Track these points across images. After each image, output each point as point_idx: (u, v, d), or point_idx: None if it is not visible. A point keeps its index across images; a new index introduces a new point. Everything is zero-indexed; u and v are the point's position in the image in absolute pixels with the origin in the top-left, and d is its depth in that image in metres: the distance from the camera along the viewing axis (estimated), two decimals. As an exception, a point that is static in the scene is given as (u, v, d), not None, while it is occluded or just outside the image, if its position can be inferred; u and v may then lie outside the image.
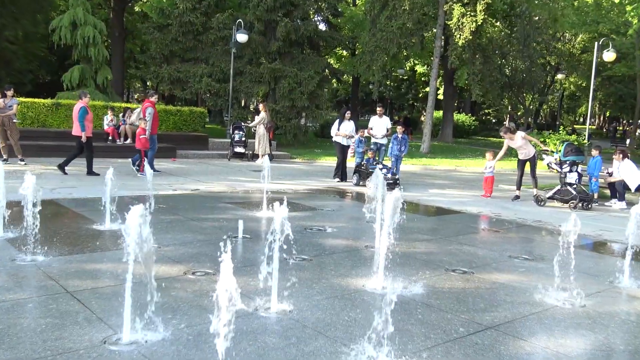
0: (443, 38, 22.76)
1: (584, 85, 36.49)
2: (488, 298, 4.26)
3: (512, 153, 11.98)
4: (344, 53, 36.40)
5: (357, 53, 31.51)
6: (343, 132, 11.63)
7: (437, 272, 4.95)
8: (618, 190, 9.93)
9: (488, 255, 5.73)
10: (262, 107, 15.29)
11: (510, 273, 5.07)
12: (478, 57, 22.66)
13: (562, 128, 21.89)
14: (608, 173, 10.29)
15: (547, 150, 10.83)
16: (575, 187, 9.32)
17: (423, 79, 40.06)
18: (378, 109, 12.35)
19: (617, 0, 22.99)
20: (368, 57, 23.22)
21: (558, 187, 9.50)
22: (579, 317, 3.97)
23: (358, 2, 32.55)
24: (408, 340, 3.32)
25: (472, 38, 21.18)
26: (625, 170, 9.87)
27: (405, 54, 28.18)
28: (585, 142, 17.64)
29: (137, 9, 29.02)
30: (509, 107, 45.91)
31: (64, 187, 8.69)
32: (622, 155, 10.03)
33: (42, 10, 23.49)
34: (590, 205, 9.36)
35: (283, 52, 20.23)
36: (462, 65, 24.32)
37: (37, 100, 15.55)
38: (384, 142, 12.01)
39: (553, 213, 8.84)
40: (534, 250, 6.20)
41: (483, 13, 20.93)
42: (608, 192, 10.32)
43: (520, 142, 9.90)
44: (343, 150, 11.67)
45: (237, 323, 2.51)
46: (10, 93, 11.21)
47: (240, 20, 18.05)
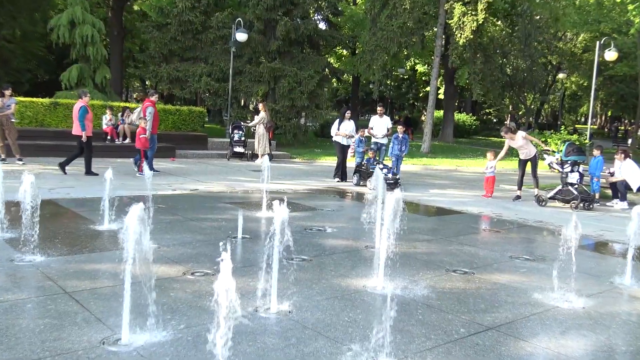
0: (444, 37, 22.72)
1: (586, 85, 36.42)
2: (489, 299, 4.24)
3: (513, 153, 11.95)
4: (344, 52, 36.36)
5: (357, 52, 31.48)
6: (343, 131, 11.61)
7: (437, 272, 4.93)
8: (620, 191, 9.91)
9: (489, 256, 5.72)
10: (261, 106, 15.21)
11: (512, 273, 5.06)
12: (479, 56, 22.61)
13: (563, 128, 21.86)
14: (610, 173, 10.26)
15: (548, 150, 10.80)
16: (577, 187, 9.30)
17: (424, 79, 40.01)
18: (378, 109, 12.32)
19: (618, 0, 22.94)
20: (368, 56, 23.18)
21: (559, 187, 9.48)
22: (580, 317, 3.96)
23: (358, 0, 32.51)
24: (409, 341, 3.31)
25: (473, 37, 21.13)
26: (627, 170, 9.85)
27: (406, 53, 28.10)
28: (587, 142, 17.61)
29: (136, 8, 28.90)
30: (510, 106, 45.87)
31: (63, 187, 8.66)
32: (623, 155, 10.01)
33: (40, 9, 23.42)
34: (592, 206, 9.34)
35: (283, 51, 20.16)
36: (463, 65, 24.27)
37: (35, 100, 15.45)
38: (385, 141, 11.98)
39: (554, 213, 8.82)
40: (535, 251, 6.18)
41: (484, 12, 20.87)
42: (609, 192, 10.30)
43: (521, 142, 9.87)
44: (343, 150, 11.65)
45: (236, 323, 2.48)
46: (9, 92, 11.17)
47: (240, 19, 17.95)
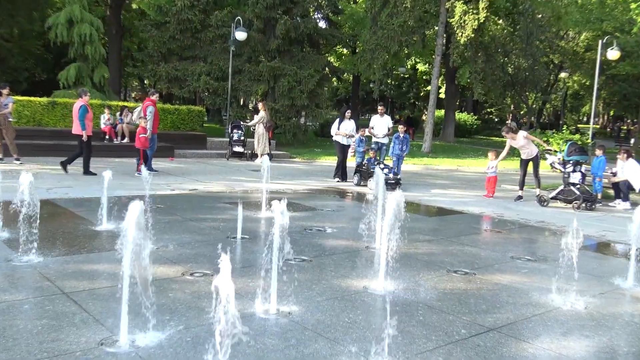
0: (445, 36, 22.65)
1: (588, 84, 36.31)
2: (490, 299, 4.22)
3: (514, 153, 11.91)
4: (345, 51, 36.31)
5: (357, 51, 31.44)
6: (343, 131, 11.56)
7: (438, 273, 4.91)
8: (622, 191, 9.87)
9: (490, 256, 5.69)
10: (261, 106, 15.14)
11: (513, 274, 5.03)
12: (480, 55, 22.54)
13: (565, 127, 21.87)
14: (612, 173, 10.22)
15: (550, 150, 10.77)
16: (579, 187, 9.27)
17: (424, 78, 39.96)
18: (379, 108, 12.28)
19: (621, -2, 22.88)
20: (369, 55, 23.12)
21: (561, 187, 9.45)
22: (582, 318, 3.94)
23: (359, -1, 32.47)
24: (409, 342, 3.30)
25: (474, 36, 21.08)
26: (630, 170, 9.81)
27: (407, 52, 28.05)
28: (589, 141, 17.55)
29: (134, 6, 28.72)
30: (512, 106, 45.81)
31: (61, 186, 8.64)
32: (626, 155, 9.97)
33: (38, 8, 23.35)
34: (594, 206, 9.30)
35: (282, 50, 20.07)
36: (464, 64, 24.21)
37: (33, 99, 15.34)
38: (385, 141, 11.94)
39: (556, 213, 8.79)
40: (537, 251, 6.16)
41: (485, 11, 20.81)
42: (612, 192, 10.26)
43: (523, 141, 9.83)
44: (343, 150, 11.60)
45: (236, 324, 2.46)
46: (6, 91, 11.12)
47: (239, 18, 17.85)
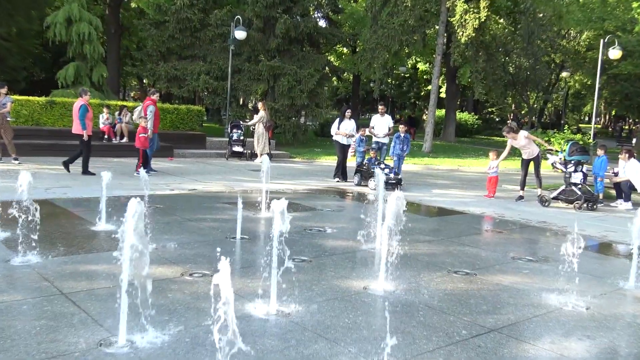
0: (445, 35, 22.61)
1: (589, 84, 36.24)
2: (491, 300, 4.20)
3: (515, 152, 11.88)
4: (345, 50, 36.29)
5: (357, 50, 31.41)
6: (343, 131, 11.52)
7: (439, 273, 4.89)
8: (624, 191, 9.85)
9: (491, 257, 5.68)
10: (261, 105, 15.10)
11: (514, 275, 5.01)
12: (481, 54, 22.49)
13: (566, 127, 21.81)
14: (614, 173, 10.19)
15: (551, 150, 10.74)
16: (580, 187, 9.24)
17: (425, 77, 39.95)
18: (380, 108, 12.26)
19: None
20: (369, 54, 23.09)
21: (563, 187, 9.42)
22: (584, 319, 3.93)
23: (359, -2, 32.42)
24: (410, 343, 3.28)
25: (475, 35, 21.03)
26: (631, 170, 9.78)
27: (407, 52, 27.99)
28: (591, 141, 17.50)
29: (133, 5, 28.64)
30: (513, 105, 45.76)
31: (59, 186, 8.61)
32: (628, 155, 9.93)
33: (36, 7, 23.28)
34: (596, 206, 9.27)
35: (282, 49, 20.03)
36: (464, 63, 24.17)
37: (31, 98, 15.27)
38: (386, 141, 11.90)
39: (557, 214, 8.76)
40: (538, 252, 6.15)
41: (486, 10, 20.76)
42: (614, 192, 10.24)
43: (524, 141, 9.80)
44: (343, 150, 11.57)
45: (234, 326, 2.44)
46: (4, 91, 11.10)
47: (239, 17, 17.77)
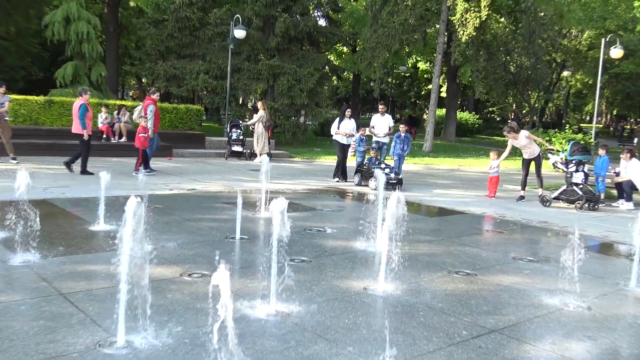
0: (446, 34, 22.57)
1: (591, 83, 36.21)
2: (492, 300, 4.19)
3: (516, 152, 11.86)
4: (345, 49, 36.22)
5: (358, 49, 31.35)
6: (343, 130, 11.49)
7: (439, 273, 4.88)
8: (625, 191, 9.82)
9: (492, 257, 5.66)
10: (260, 104, 15.06)
11: (515, 275, 4.99)
12: (482, 53, 22.43)
13: (568, 127, 21.72)
14: (615, 173, 10.16)
15: (552, 150, 10.71)
16: (582, 187, 9.22)
17: (425, 76, 39.91)
18: (380, 107, 12.23)
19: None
20: (369, 53, 23.03)
21: (564, 187, 9.40)
22: (585, 320, 3.91)
23: (359, -3, 32.36)
24: (410, 344, 3.27)
25: (476, 34, 20.97)
26: (633, 170, 9.75)
27: (408, 51, 27.92)
28: (592, 141, 17.47)
29: (132, 4, 28.50)
30: (514, 105, 45.70)
31: (57, 186, 8.59)
32: (629, 155, 9.90)
33: (35, 6, 23.24)
34: (597, 206, 9.25)
35: (282, 48, 19.96)
36: (465, 62, 24.12)
37: (29, 98, 15.18)
38: (386, 140, 11.87)
39: (559, 214, 8.74)
40: (539, 252, 6.13)
41: (487, 9, 20.69)
42: (615, 192, 10.20)
43: (524, 141, 9.77)
44: (343, 149, 11.53)
45: (234, 326, 2.43)
46: (2, 90, 11.07)
47: (238, 16, 17.71)
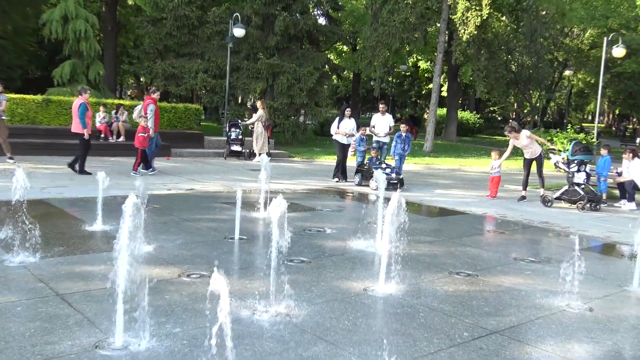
0: (447, 33, 22.51)
1: (593, 82, 36.12)
2: (493, 302, 4.17)
3: (518, 152, 11.82)
4: (345, 48, 36.21)
5: (358, 48, 31.34)
6: (343, 130, 11.44)
7: (440, 274, 4.85)
8: (627, 191, 9.78)
9: (493, 258, 5.63)
10: (259, 104, 15.01)
11: (516, 276, 4.96)
12: (483, 52, 22.37)
13: (570, 126, 21.70)
14: (617, 173, 10.13)
15: (554, 149, 10.67)
16: (584, 187, 9.18)
17: (426, 75, 39.85)
18: (380, 107, 12.19)
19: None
20: (369, 52, 22.98)
21: (565, 187, 9.37)
22: (587, 321, 3.89)
23: (359, -5, 32.30)
24: (411, 345, 3.25)
25: (477, 33, 20.94)
26: (635, 170, 9.71)
27: (408, 50, 27.88)
28: (594, 140, 17.44)
29: (130, 2, 28.33)
30: (515, 104, 45.65)
31: (55, 186, 8.56)
32: (632, 155, 9.86)
33: (32, 4, 23.17)
34: (599, 206, 9.21)
35: (281, 47, 19.89)
36: (466, 61, 24.08)
37: (26, 97, 15.11)
38: (387, 140, 11.83)
39: (560, 214, 8.71)
40: (541, 253, 6.09)
41: (488, 7, 20.66)
42: (617, 192, 10.16)
43: (526, 141, 9.74)
44: (343, 149, 11.48)
45: (233, 327, 2.41)
46: None
47: (237, 14, 17.66)
